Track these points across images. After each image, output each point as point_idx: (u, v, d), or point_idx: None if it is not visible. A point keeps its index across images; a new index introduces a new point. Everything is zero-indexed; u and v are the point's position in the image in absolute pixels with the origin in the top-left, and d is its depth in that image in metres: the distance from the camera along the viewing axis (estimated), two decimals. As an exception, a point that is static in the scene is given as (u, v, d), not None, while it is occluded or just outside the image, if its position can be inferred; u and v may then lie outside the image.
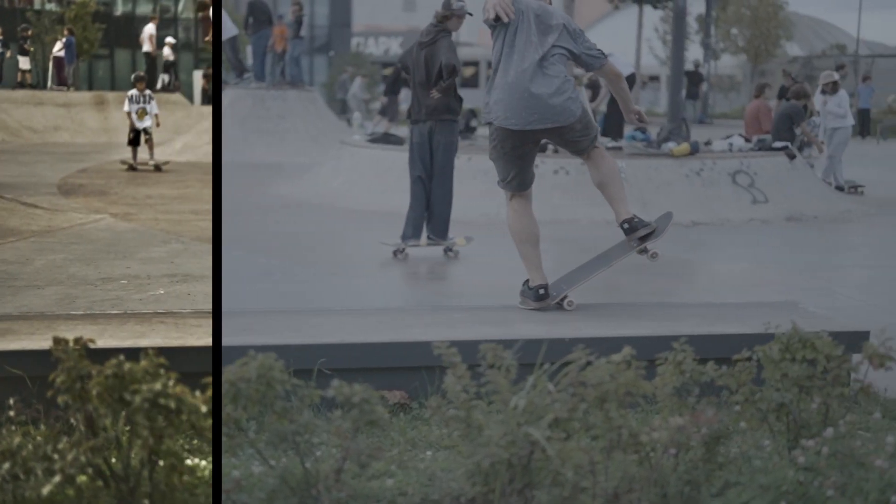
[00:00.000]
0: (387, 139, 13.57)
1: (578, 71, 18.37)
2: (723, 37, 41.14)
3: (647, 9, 34.96)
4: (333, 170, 13.23)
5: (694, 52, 35.51)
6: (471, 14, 8.79)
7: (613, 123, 14.76)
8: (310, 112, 18.09)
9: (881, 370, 3.69)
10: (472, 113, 18.02)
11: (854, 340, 4.45)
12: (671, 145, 12.39)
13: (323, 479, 3.20)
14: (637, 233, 5.76)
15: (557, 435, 3.30)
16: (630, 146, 12.97)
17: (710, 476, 3.45)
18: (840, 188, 14.50)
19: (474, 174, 11.61)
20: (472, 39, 58.27)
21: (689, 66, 31.22)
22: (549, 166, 11.45)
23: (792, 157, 13.02)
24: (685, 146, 12.15)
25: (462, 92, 9.00)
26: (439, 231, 8.87)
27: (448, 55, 8.53)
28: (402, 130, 18.65)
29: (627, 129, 15.15)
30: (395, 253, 8.83)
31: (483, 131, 18.79)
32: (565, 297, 5.69)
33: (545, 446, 3.26)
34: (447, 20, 8.66)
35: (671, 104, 16.75)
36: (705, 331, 4.93)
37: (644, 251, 5.81)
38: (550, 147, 12.21)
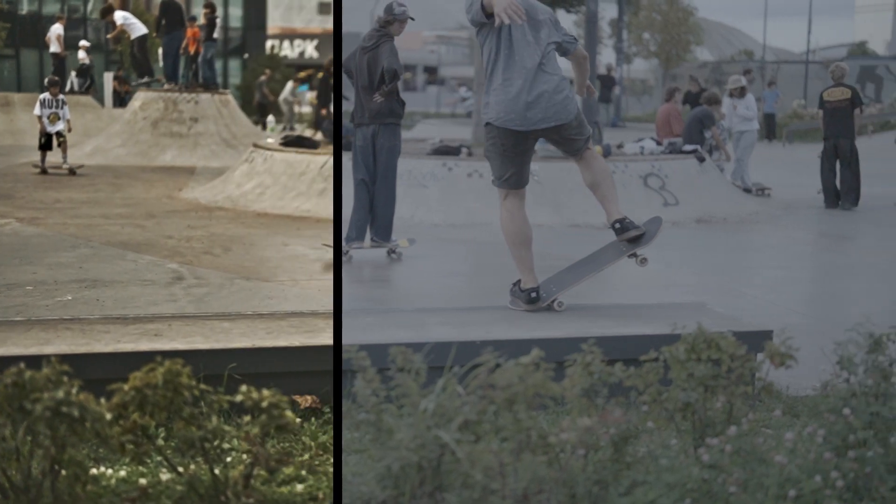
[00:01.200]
0: (300, 142, 13.50)
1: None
2: (635, 41, 41.70)
3: (560, 13, 35.26)
4: (246, 173, 13.11)
5: (607, 57, 35.91)
6: (412, 18, 8.92)
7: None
8: (223, 115, 17.90)
9: (782, 368, 3.78)
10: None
11: (758, 340, 4.53)
12: (584, 148, 12.50)
13: (232, 485, 3.18)
14: (627, 233, 5.83)
15: (467, 437, 3.32)
16: (543, 149, 13.06)
17: (617, 475, 3.50)
18: (748, 190, 14.80)
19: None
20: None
21: (601, 70, 31.61)
22: (462, 169, 11.48)
23: (702, 160, 13.24)
24: (598, 149, 12.25)
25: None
26: (382, 233, 8.96)
27: (390, 59, 8.61)
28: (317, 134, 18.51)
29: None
30: None
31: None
32: (555, 299, 5.74)
33: (455, 449, 3.27)
34: (389, 25, 8.77)
35: (584, 107, 16.88)
36: (614, 332, 4.99)
37: (634, 256, 5.88)
38: (464, 150, 12.26)
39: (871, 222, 12.65)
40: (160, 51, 18.14)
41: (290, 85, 27.98)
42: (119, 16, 17.08)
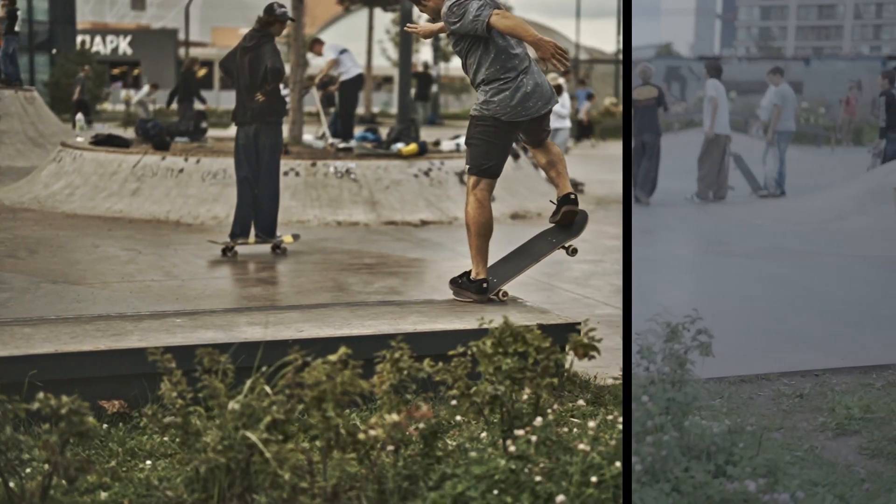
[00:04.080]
0: (111, 141, 13.11)
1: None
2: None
3: (378, 11, 35.36)
4: (54, 173, 12.66)
5: (425, 54, 36.17)
6: (293, 20, 9.10)
7: (345, 124, 14.87)
8: (29, 113, 17.20)
9: (590, 359, 3.90)
10: (203, 115, 17.66)
11: (565, 332, 4.65)
12: (400, 146, 12.60)
13: (28, 497, 3.07)
14: (574, 206, 6.26)
15: (275, 437, 3.30)
16: (360, 147, 13.10)
17: (428, 470, 3.54)
18: (562, 186, 15.15)
19: (203, 176, 11.44)
20: (206, 39, 56.96)
21: (419, 68, 31.80)
22: (280, 167, 11.36)
23: (516, 156, 13.49)
24: (413, 146, 12.38)
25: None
26: (267, 229, 9.14)
27: (273, 59, 8.82)
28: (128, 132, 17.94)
29: (357, 131, 15.31)
30: (224, 251, 9.00)
31: (213, 133, 18.48)
32: (499, 290, 6.02)
33: (263, 449, 3.25)
34: (270, 26, 8.95)
35: (400, 105, 16.99)
36: (424, 328, 5.03)
37: (564, 248, 6.28)
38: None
39: (675, 216, 13.17)
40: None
41: (146, 87, 27.23)
42: None
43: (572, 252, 6.31)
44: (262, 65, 8.77)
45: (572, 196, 6.32)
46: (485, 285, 5.99)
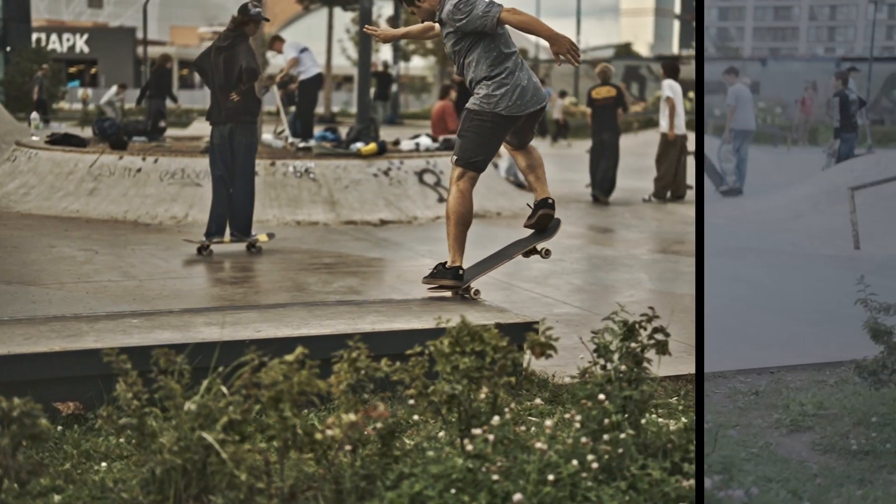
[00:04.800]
0: (67, 140, 12.99)
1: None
2: (413, 39, 42.19)
3: (338, 10, 35.31)
4: (9, 173, 12.53)
5: (385, 54, 36.18)
6: (267, 20, 9.37)
7: (304, 124, 14.83)
8: (-18, 111, 17.03)
9: (549, 358, 3.90)
10: (163, 114, 17.55)
11: (523, 331, 4.66)
12: (359, 145, 12.59)
13: (-20, 500, 3.03)
14: (550, 210, 6.38)
15: (232, 438, 3.29)
16: (319, 146, 13.07)
17: (385, 469, 3.53)
18: (521, 185, 15.19)
19: (161, 175, 11.37)
20: (164, 37, 56.61)
21: (379, 68, 31.78)
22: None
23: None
24: (373, 146, 12.37)
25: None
26: (243, 228, 9.18)
27: (248, 59, 8.87)
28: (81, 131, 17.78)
29: (317, 130, 15.28)
30: (199, 250, 9.02)
31: (172, 132, 18.39)
32: (468, 286, 6.14)
33: (219, 450, 3.24)
34: (245, 25, 8.99)
35: (359, 105, 16.96)
36: (382, 327, 5.03)
37: (535, 251, 6.43)
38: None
39: (633, 215, 13.24)
40: None
41: (114, 88, 27.05)
42: None
43: (545, 253, 6.43)
44: (237, 64, 8.81)
45: (550, 201, 6.41)
46: (460, 272, 6.08)
